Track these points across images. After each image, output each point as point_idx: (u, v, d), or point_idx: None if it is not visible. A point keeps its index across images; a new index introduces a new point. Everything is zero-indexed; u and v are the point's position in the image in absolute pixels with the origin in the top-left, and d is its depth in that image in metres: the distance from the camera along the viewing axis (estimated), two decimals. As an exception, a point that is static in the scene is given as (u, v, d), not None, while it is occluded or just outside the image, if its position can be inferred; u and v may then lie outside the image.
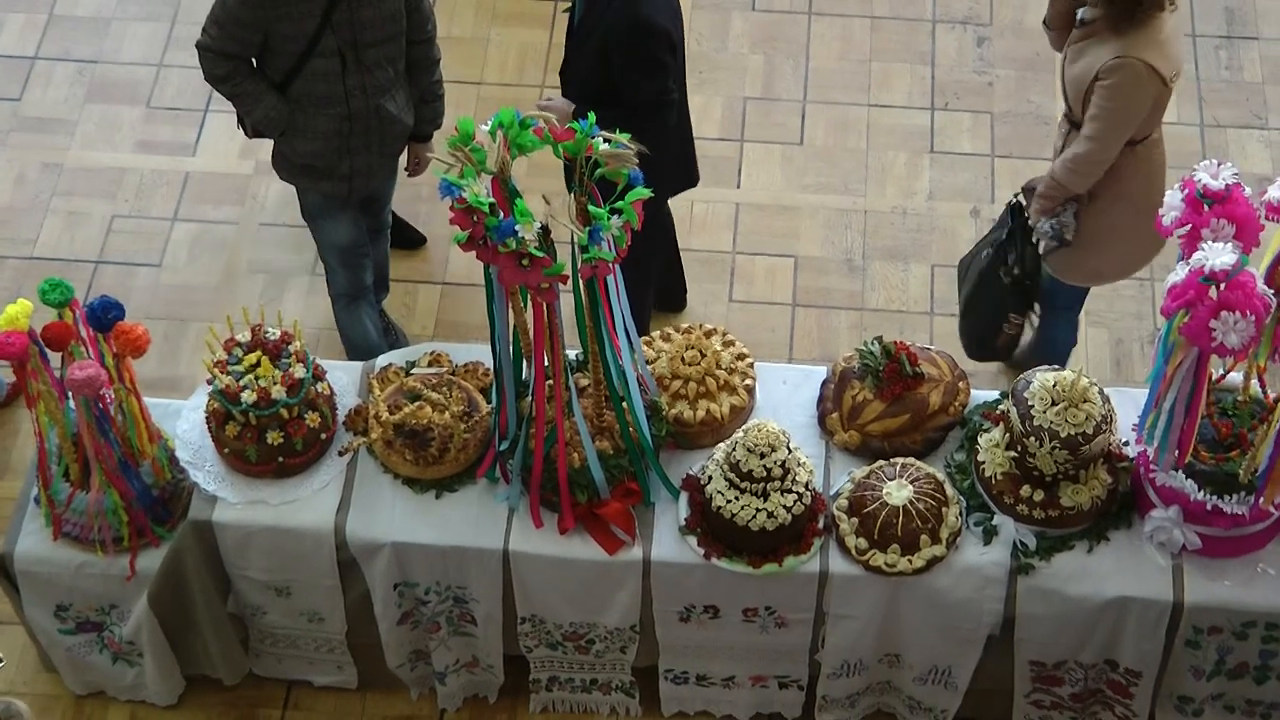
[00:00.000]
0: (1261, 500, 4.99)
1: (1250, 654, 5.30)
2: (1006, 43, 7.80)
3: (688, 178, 6.35)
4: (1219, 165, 4.75)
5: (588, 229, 4.64)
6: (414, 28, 5.92)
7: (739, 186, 7.35)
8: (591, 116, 4.71)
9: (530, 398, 5.15)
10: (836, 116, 7.58)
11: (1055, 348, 6.43)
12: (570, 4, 5.97)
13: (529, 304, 4.92)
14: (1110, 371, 6.75)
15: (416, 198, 7.11)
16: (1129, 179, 5.80)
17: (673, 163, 6.15)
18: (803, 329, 6.96)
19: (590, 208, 4.69)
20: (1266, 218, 4.76)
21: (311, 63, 5.80)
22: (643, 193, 4.68)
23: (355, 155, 6.01)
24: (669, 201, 6.43)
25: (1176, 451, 4.97)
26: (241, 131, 6.18)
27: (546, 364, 5.08)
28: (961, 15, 7.92)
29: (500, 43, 7.77)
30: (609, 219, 4.65)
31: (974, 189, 7.30)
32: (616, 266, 4.86)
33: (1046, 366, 5.23)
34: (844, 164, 7.43)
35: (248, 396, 5.16)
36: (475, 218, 4.63)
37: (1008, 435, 5.22)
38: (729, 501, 5.14)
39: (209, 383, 5.24)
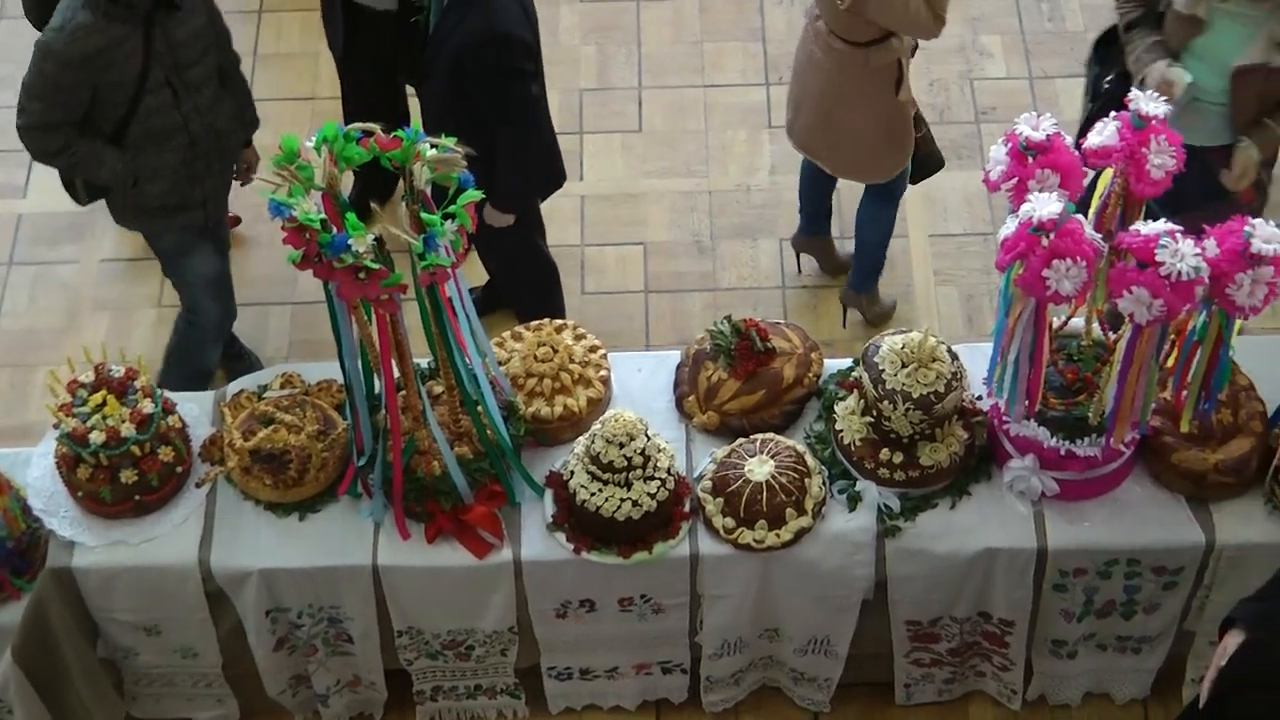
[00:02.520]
0: (1112, 440, 5.06)
1: (1115, 591, 5.39)
2: (834, 12, 7.84)
3: (555, 178, 6.37)
4: (1039, 117, 4.82)
5: (422, 236, 4.62)
6: (219, 34, 5.87)
7: (582, 178, 7.36)
8: (416, 124, 4.70)
9: (384, 410, 5.13)
10: (673, 100, 7.61)
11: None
12: (420, 15, 5.95)
13: (372, 317, 4.89)
14: (964, 328, 6.84)
15: (259, 219, 7.05)
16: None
17: (542, 163, 6.19)
18: (658, 315, 6.98)
19: (423, 215, 4.67)
20: (1088, 164, 4.83)
21: (144, 102, 5.71)
22: (474, 195, 4.67)
23: (204, 180, 5.95)
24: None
25: (1026, 401, 5.04)
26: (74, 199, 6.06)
27: (397, 375, 5.05)
28: (789, -11, 7.98)
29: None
30: (443, 225, 4.63)
31: (814, 160, 7.35)
32: (458, 272, 4.85)
33: (894, 330, 5.29)
34: (684, 147, 7.46)
35: (96, 437, 5.09)
36: (307, 235, 4.59)
37: (862, 401, 5.27)
38: (593, 494, 5.15)
39: (55, 427, 5.16)
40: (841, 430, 5.31)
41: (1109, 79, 5.95)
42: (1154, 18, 5.77)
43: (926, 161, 6.53)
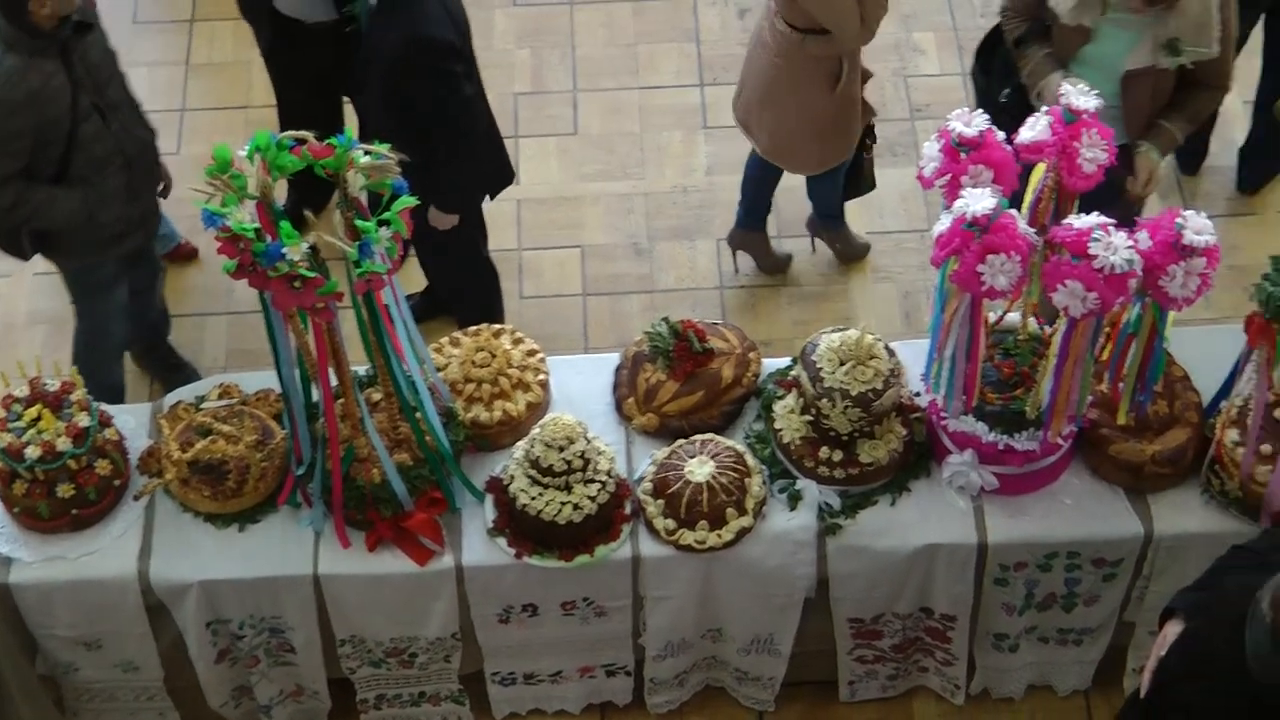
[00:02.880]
0: (1049, 434, 5.09)
1: (1056, 584, 5.42)
2: (767, 12, 7.86)
3: (502, 176, 6.37)
4: (972, 113, 4.84)
5: (357, 244, 4.60)
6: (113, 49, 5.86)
7: (519, 183, 7.31)
8: (349, 131, 4.69)
9: (322, 419, 5.10)
10: (608, 102, 7.61)
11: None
12: (352, 22, 5.93)
13: (309, 325, 4.87)
14: (901, 324, 6.86)
15: (194, 230, 7.00)
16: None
17: (485, 162, 6.19)
18: (596, 318, 6.98)
19: (358, 222, 4.65)
20: (1021, 160, 4.86)
21: (80, 131, 5.65)
22: (408, 201, 4.66)
23: (141, 197, 5.92)
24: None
25: (963, 396, 5.06)
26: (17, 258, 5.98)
27: (335, 383, 5.04)
28: (721, -11, 8.00)
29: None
30: (378, 232, 4.62)
31: (750, 160, 7.36)
32: (394, 278, 4.83)
33: (832, 328, 5.30)
34: (620, 149, 7.46)
35: (32, 452, 5.05)
36: (241, 245, 4.57)
37: (801, 400, 5.28)
38: (533, 498, 5.14)
39: (-10, 443, 5.12)
40: (781, 429, 5.32)
41: (1006, 93, 5.98)
42: (1042, 30, 5.81)
43: (857, 181, 6.62)
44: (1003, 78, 6.01)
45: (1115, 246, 4.54)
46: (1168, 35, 5.58)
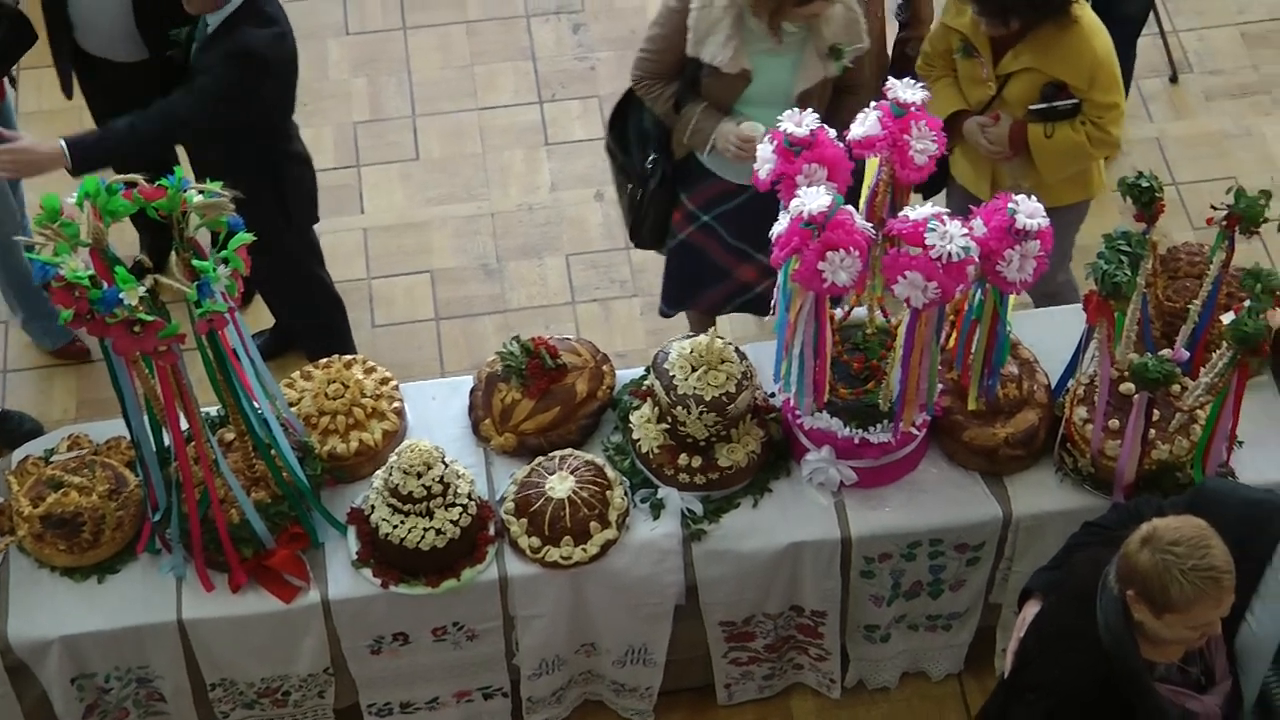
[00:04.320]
0: (902, 425, 5.15)
1: (921, 572, 5.48)
2: (602, 26, 7.90)
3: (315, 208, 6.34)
4: (801, 113, 4.89)
5: (195, 284, 4.56)
6: None
7: (363, 212, 7.31)
8: (179, 171, 4.64)
9: (175, 463, 5.04)
10: (448, 126, 7.59)
11: None
12: (178, 50, 5.85)
13: (154, 369, 4.81)
14: (755, 327, 6.89)
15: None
16: None
17: (311, 186, 6.17)
18: (450, 341, 6.96)
19: (195, 262, 4.61)
20: (854, 155, 4.91)
21: None
22: (245, 238, 4.63)
23: None
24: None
25: (814, 394, 5.10)
26: None
27: (186, 426, 4.98)
28: (554, 6, 8.00)
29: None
30: (216, 270, 4.57)
31: (594, 174, 7.37)
32: (237, 316, 4.79)
33: (681, 335, 5.32)
34: (463, 171, 7.44)
35: (-123, 518, 4.95)
36: (77, 293, 4.51)
37: (656, 409, 5.30)
38: (395, 527, 5.11)
39: None
40: (639, 439, 5.33)
41: (652, 159, 5.88)
42: (691, 88, 5.68)
43: None
44: (641, 145, 5.92)
45: (951, 235, 4.60)
46: (826, 44, 5.56)
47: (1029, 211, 4.69)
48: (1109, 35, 5.74)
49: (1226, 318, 4.92)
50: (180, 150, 6.27)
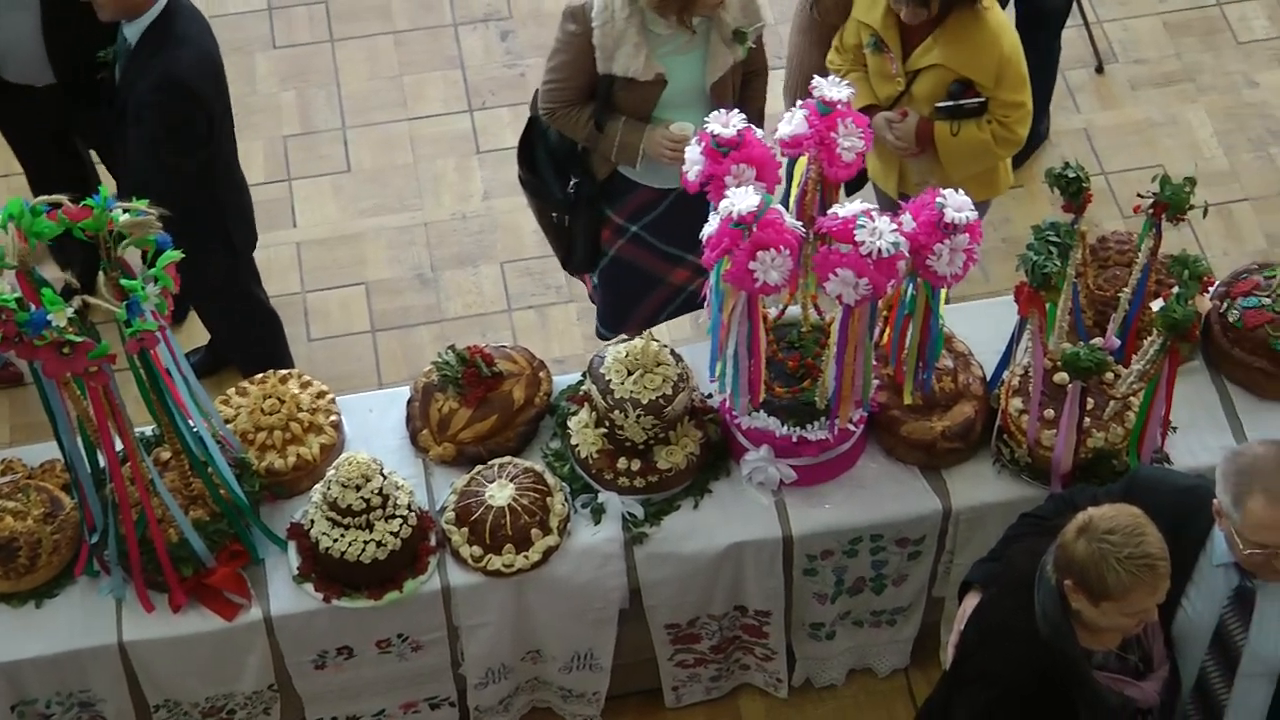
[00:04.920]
0: (838, 421, 5.16)
1: (863, 568, 5.49)
2: (530, 32, 7.88)
3: (250, 233, 6.31)
4: (728, 114, 4.89)
5: (125, 303, 4.53)
6: None
7: (296, 225, 7.28)
8: (104, 190, 4.61)
9: (110, 484, 5.00)
10: (379, 137, 7.57)
11: None
12: (106, 70, 5.81)
13: (86, 390, 4.78)
14: (691, 329, 6.89)
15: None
16: None
17: (250, 212, 6.16)
18: (387, 353, 6.93)
19: (123, 281, 4.58)
20: (782, 154, 4.92)
21: None
22: (173, 256, 4.60)
23: None
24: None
25: (750, 393, 5.11)
26: None
27: (120, 446, 4.94)
28: (481, 13, 7.98)
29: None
30: (145, 289, 4.54)
31: (526, 181, 7.36)
32: (168, 334, 4.76)
33: (616, 340, 5.33)
34: (395, 182, 7.42)
35: None
36: (4, 316, 4.47)
37: (594, 413, 5.29)
38: (335, 540, 5.09)
39: None
40: (577, 445, 5.32)
41: (574, 183, 5.87)
42: (606, 105, 5.66)
43: None
44: (557, 173, 5.91)
45: (880, 231, 4.62)
46: (729, 30, 5.55)
47: (957, 205, 4.71)
48: (1017, 35, 5.78)
49: (1156, 305, 4.97)
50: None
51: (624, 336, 5.34)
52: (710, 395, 5.44)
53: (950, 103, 5.71)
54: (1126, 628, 4.31)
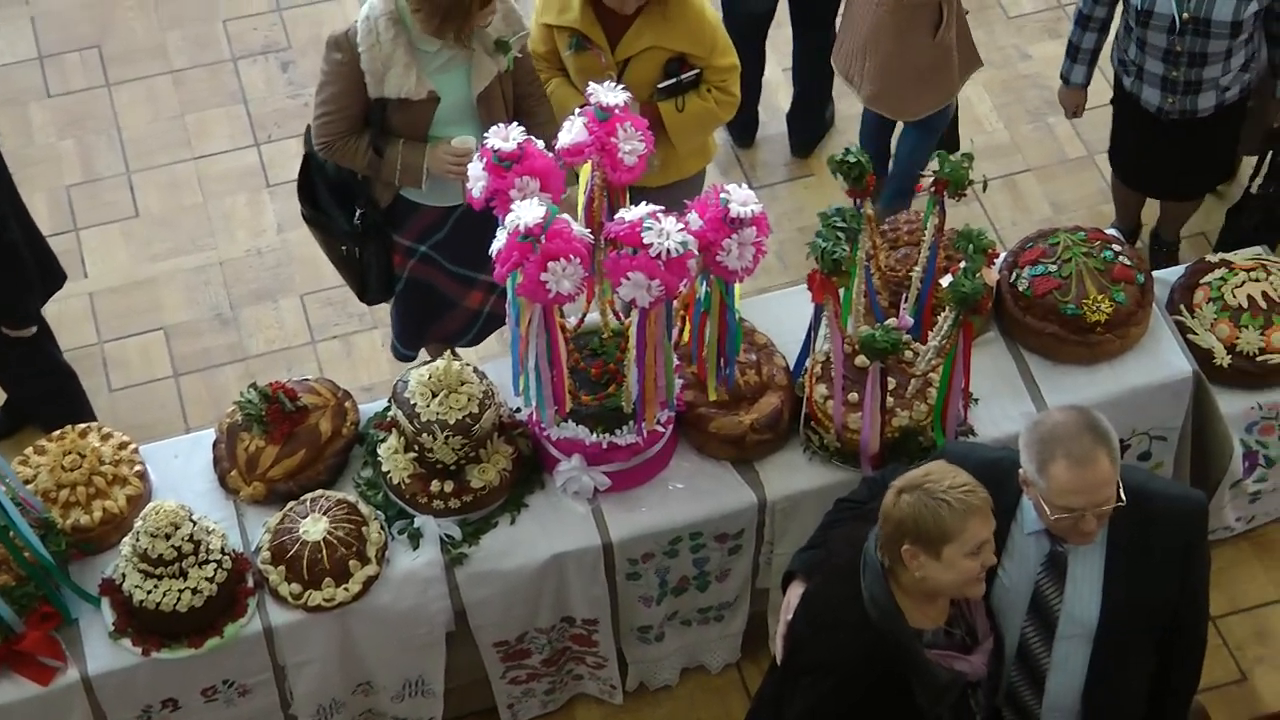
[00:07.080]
0: (645, 424, 5.18)
1: (686, 567, 5.52)
2: (310, 61, 7.79)
3: (54, 279, 6.17)
4: (507, 129, 4.89)
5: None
6: None
7: (86, 276, 7.14)
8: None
9: (-91, 557, 4.88)
10: (165, 179, 7.45)
11: None
12: None
13: (-127, 464, 4.65)
14: (497, 345, 6.86)
15: None
16: None
17: (33, 269, 5.98)
18: (192, 396, 6.82)
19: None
20: (564, 164, 4.93)
21: None
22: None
23: None
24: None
25: (555, 404, 5.11)
26: None
27: (-84, 517, 4.82)
28: (260, 46, 7.90)
29: None
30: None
31: (318, 209, 7.28)
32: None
33: (419, 363, 5.29)
34: (186, 223, 7.31)
35: None
36: None
37: (403, 438, 5.26)
38: (149, 592, 5.01)
39: None
40: (389, 471, 5.29)
41: (359, 215, 5.81)
42: (380, 128, 5.62)
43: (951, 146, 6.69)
44: (340, 205, 5.85)
45: (668, 232, 4.64)
46: (491, 41, 5.53)
47: (742, 200, 4.75)
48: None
49: (946, 280, 5.04)
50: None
51: (425, 357, 5.31)
52: (518, 410, 5.43)
53: (670, 80, 5.79)
54: (972, 573, 4.30)
